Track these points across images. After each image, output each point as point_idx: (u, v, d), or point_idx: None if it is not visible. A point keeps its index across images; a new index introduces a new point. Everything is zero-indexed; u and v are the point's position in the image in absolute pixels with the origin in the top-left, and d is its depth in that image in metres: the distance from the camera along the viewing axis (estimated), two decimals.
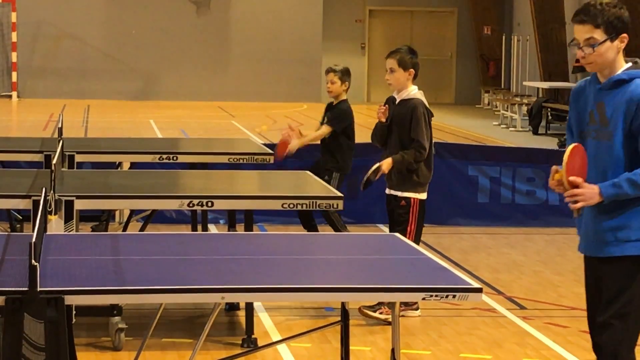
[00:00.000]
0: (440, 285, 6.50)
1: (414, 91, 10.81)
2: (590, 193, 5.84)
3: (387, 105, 10.85)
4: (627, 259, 6.84)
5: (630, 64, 7.00)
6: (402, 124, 10.66)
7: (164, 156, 12.66)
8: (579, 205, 4.72)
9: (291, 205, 9.99)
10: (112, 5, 37.30)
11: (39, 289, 5.75)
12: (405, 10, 39.60)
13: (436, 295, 6.44)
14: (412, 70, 10.81)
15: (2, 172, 11.93)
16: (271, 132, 26.33)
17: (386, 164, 10.51)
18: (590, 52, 6.85)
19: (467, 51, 39.40)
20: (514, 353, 9.84)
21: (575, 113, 7.20)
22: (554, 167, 6.41)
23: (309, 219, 12.50)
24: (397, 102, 10.84)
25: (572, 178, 6.01)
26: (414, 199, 10.71)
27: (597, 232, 6.97)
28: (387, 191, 10.87)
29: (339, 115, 12.67)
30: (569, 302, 11.78)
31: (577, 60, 29.52)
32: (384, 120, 10.83)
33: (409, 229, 10.42)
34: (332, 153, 12.70)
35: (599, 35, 6.81)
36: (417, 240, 10.03)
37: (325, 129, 12.80)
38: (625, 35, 6.89)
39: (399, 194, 10.70)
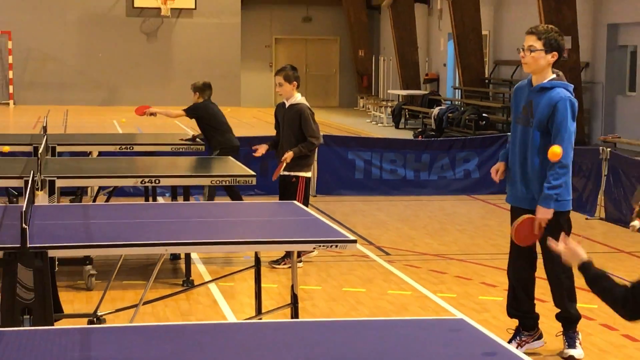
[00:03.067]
0: (326, 238, 6.56)
1: (299, 98, 10.78)
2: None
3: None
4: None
5: (554, 75, 7.33)
6: (293, 123, 10.64)
7: (124, 146, 12.59)
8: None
9: (218, 182, 10.06)
10: (83, 35, 36.84)
11: (28, 245, 5.73)
12: (302, 39, 39.46)
13: (323, 245, 6.52)
14: (295, 82, 10.78)
15: (1, 160, 11.80)
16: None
17: (289, 157, 10.49)
18: (529, 55, 7.22)
19: (347, 68, 39.32)
20: (381, 287, 9.88)
21: (514, 103, 7.61)
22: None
23: (233, 191, 12.38)
24: (286, 106, 10.82)
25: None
26: (302, 177, 10.70)
27: (522, 187, 7.39)
28: (282, 173, 10.81)
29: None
30: (421, 250, 11.83)
31: (427, 74, 29.44)
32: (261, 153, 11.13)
33: (297, 198, 10.40)
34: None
35: (538, 45, 7.18)
36: (305, 206, 10.05)
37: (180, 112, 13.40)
38: (556, 53, 7.24)
39: (292, 173, 10.67)
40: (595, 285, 4.35)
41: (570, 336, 7.41)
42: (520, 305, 7.65)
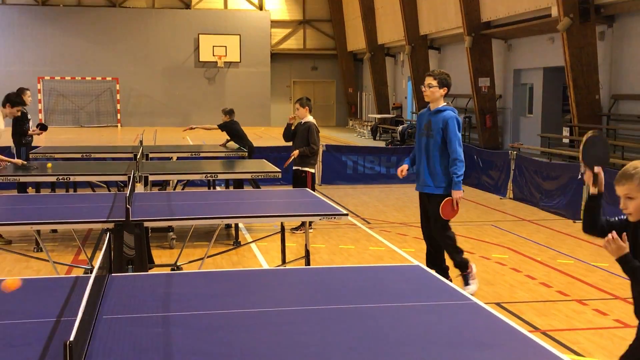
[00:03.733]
0: (327, 212, 6.56)
1: (310, 118, 10.74)
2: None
3: (295, 116, 10.86)
4: (439, 196, 7.19)
5: (445, 103, 7.31)
6: (303, 134, 10.62)
7: (193, 153, 12.65)
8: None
9: (255, 176, 10.07)
10: (166, 79, 36.77)
11: (130, 219, 5.73)
12: (310, 81, 39.35)
13: (325, 217, 6.51)
14: (307, 107, 10.77)
15: (113, 163, 11.82)
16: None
17: (296, 153, 10.48)
18: (428, 89, 7.26)
19: (341, 100, 39.21)
20: (365, 245, 9.86)
21: (418, 123, 7.52)
22: None
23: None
24: (302, 123, 10.78)
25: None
26: (309, 172, 10.68)
27: (429, 180, 7.29)
28: (294, 167, 10.76)
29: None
30: (391, 220, 11.81)
31: (394, 104, 28.87)
32: (292, 123, 10.84)
33: (307, 187, 10.35)
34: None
35: (435, 83, 7.21)
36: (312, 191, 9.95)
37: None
38: (446, 89, 7.27)
39: (301, 168, 10.66)
40: (634, 275, 3.76)
41: (465, 277, 7.39)
42: (434, 259, 7.54)
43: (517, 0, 20.27)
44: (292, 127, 10.94)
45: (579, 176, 12.00)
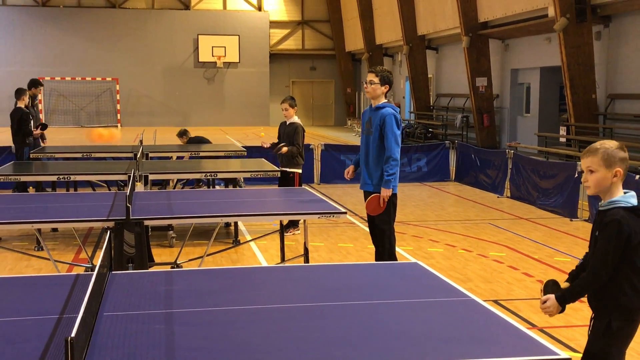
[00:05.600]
0: (325, 211, 6.57)
1: (296, 119, 10.65)
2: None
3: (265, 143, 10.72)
4: (376, 193, 6.97)
5: (385, 100, 7.08)
6: (290, 135, 10.50)
7: (193, 152, 12.62)
8: None
9: (254, 175, 10.03)
10: (165, 79, 36.81)
11: (131, 217, 5.73)
12: (309, 81, 39.34)
13: (324, 215, 6.52)
14: (295, 108, 10.67)
15: (113, 162, 11.81)
16: (266, 137, 26.04)
17: (284, 149, 10.32)
18: (370, 86, 6.99)
19: (339, 100, 39.21)
20: (363, 243, 9.83)
21: (362, 121, 7.31)
22: None
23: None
24: (287, 123, 10.66)
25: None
26: (296, 172, 10.60)
27: (367, 179, 7.12)
28: (281, 168, 10.63)
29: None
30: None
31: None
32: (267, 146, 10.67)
33: (295, 186, 10.32)
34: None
35: (376, 80, 6.96)
36: None
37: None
38: (387, 86, 7.02)
39: (289, 169, 10.54)
40: (575, 297, 3.93)
41: None
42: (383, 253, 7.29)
43: (514, 0, 20.28)
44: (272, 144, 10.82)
45: (576, 174, 12.01)
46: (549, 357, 2.87)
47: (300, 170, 10.82)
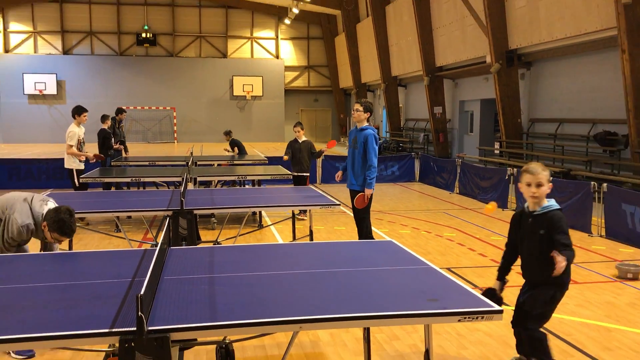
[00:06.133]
0: (325, 203, 6.54)
1: (304, 138, 10.61)
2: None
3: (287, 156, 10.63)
4: (360, 192, 6.92)
5: (367, 124, 7.00)
6: (305, 149, 10.46)
7: (230, 161, 12.58)
8: None
9: (273, 177, 9.95)
10: (210, 108, 36.74)
11: (184, 208, 5.71)
12: (313, 109, 39.24)
13: (323, 206, 6.49)
14: (303, 130, 10.59)
15: (172, 168, 11.78)
16: (280, 150, 25.91)
17: (286, 158, 10.28)
18: (356, 113, 6.91)
19: (335, 123, 39.12)
20: (353, 227, 9.73)
21: (349, 138, 7.19)
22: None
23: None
24: (300, 141, 10.59)
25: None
26: (307, 175, 10.58)
27: (353, 181, 7.01)
28: (297, 173, 10.52)
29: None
30: (373, 208, 11.76)
31: (373, 126, 28.48)
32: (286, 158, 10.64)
33: (307, 184, 10.29)
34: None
35: (361, 109, 6.89)
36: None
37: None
38: (369, 113, 6.93)
39: (303, 174, 10.51)
40: (569, 260, 3.62)
41: None
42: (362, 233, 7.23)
43: (462, 50, 20.25)
44: (296, 145, 10.71)
45: (506, 177, 11.97)
46: (487, 308, 2.87)
47: (307, 173, 10.83)
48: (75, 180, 9.74)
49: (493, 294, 3.98)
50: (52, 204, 4.61)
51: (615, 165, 13.52)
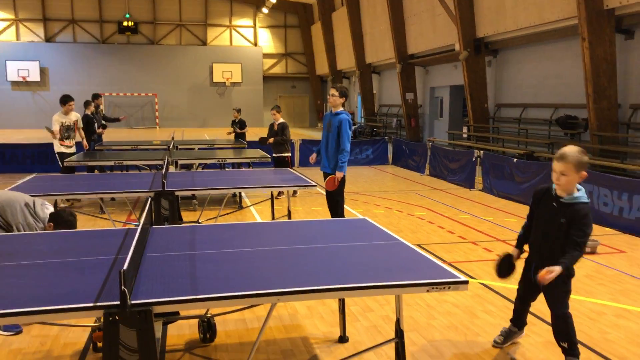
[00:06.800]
0: (302, 184, 6.53)
1: (281, 120, 10.55)
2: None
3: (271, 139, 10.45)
4: (332, 174, 6.86)
5: (342, 108, 6.88)
6: (279, 130, 10.44)
7: (209, 144, 12.46)
8: None
9: (251, 160, 9.85)
10: (190, 94, 36.32)
11: (166, 189, 5.66)
12: (291, 96, 39.05)
13: (301, 187, 6.46)
14: (280, 113, 10.50)
15: (154, 152, 11.65)
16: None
17: (272, 139, 10.18)
18: (332, 98, 6.79)
19: (312, 108, 39.02)
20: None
21: (324, 122, 7.07)
22: None
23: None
24: (276, 124, 10.54)
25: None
26: (288, 156, 10.54)
27: (326, 163, 6.95)
28: (276, 155, 10.50)
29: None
30: (347, 190, 11.76)
31: (349, 111, 28.37)
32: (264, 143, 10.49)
33: (289, 167, 10.26)
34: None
35: (337, 94, 6.77)
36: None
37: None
38: (344, 98, 6.81)
39: (283, 154, 10.45)
40: (571, 264, 3.49)
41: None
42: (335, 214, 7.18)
43: (432, 39, 20.29)
44: (274, 128, 10.67)
45: (473, 159, 12.08)
46: (454, 279, 2.91)
47: (290, 154, 10.75)
48: (60, 163, 9.83)
49: (509, 260, 3.90)
50: (50, 207, 4.74)
51: None
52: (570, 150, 3.54)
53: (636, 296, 5.33)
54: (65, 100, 10.18)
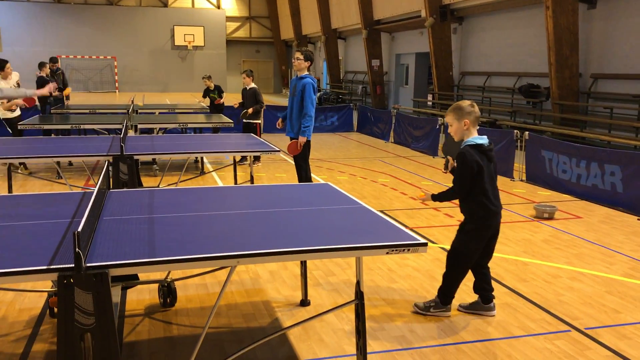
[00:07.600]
0: (266, 149, 6.47)
1: (253, 84, 10.46)
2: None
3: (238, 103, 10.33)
4: (295, 139, 6.88)
5: (307, 72, 6.85)
6: (251, 97, 10.38)
7: (171, 109, 12.21)
8: None
9: (214, 125, 9.73)
10: (151, 58, 35.49)
11: (124, 153, 5.55)
12: (255, 60, 38.53)
13: (264, 152, 6.40)
14: (251, 77, 10.40)
15: (113, 116, 11.37)
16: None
17: (251, 110, 10.19)
18: (296, 61, 6.77)
19: (277, 74, 38.67)
20: (293, 174, 9.79)
21: (290, 87, 7.02)
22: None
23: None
24: (247, 89, 10.49)
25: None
26: (257, 123, 10.50)
27: (290, 128, 6.95)
28: (246, 121, 10.46)
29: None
30: (312, 157, 11.74)
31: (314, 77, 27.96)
32: (237, 106, 10.30)
33: (257, 134, 10.21)
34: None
35: (301, 57, 6.73)
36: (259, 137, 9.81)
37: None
38: (309, 62, 6.75)
39: (252, 121, 10.44)
40: (440, 201, 4.01)
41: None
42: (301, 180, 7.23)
43: (398, 4, 20.18)
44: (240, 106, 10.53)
45: (437, 126, 12.20)
46: (413, 242, 2.95)
47: (260, 121, 10.66)
48: (7, 129, 9.49)
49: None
50: None
51: (537, 116, 13.99)
52: (455, 104, 3.99)
53: (590, 260, 5.53)
54: (2, 65, 9.67)
